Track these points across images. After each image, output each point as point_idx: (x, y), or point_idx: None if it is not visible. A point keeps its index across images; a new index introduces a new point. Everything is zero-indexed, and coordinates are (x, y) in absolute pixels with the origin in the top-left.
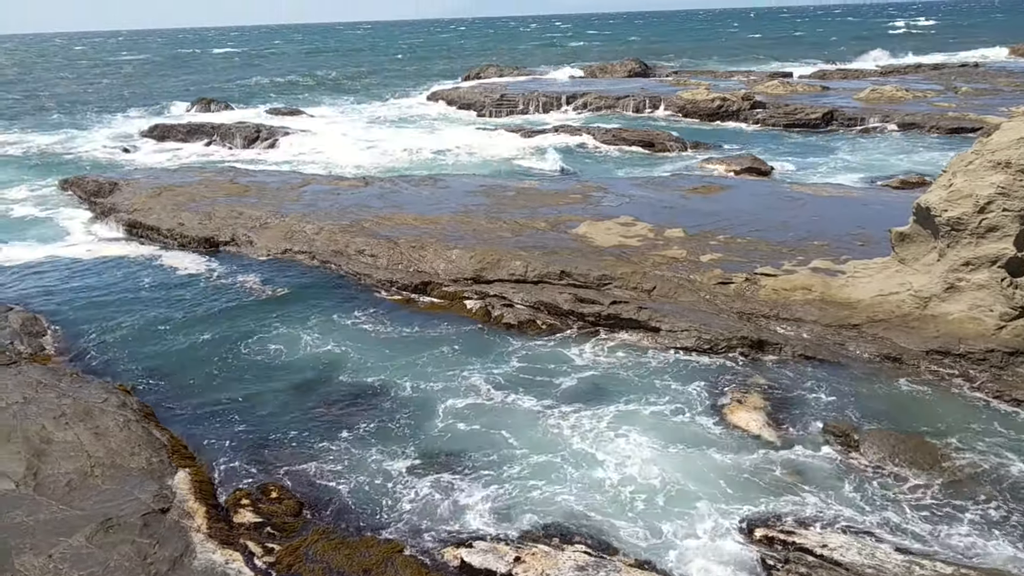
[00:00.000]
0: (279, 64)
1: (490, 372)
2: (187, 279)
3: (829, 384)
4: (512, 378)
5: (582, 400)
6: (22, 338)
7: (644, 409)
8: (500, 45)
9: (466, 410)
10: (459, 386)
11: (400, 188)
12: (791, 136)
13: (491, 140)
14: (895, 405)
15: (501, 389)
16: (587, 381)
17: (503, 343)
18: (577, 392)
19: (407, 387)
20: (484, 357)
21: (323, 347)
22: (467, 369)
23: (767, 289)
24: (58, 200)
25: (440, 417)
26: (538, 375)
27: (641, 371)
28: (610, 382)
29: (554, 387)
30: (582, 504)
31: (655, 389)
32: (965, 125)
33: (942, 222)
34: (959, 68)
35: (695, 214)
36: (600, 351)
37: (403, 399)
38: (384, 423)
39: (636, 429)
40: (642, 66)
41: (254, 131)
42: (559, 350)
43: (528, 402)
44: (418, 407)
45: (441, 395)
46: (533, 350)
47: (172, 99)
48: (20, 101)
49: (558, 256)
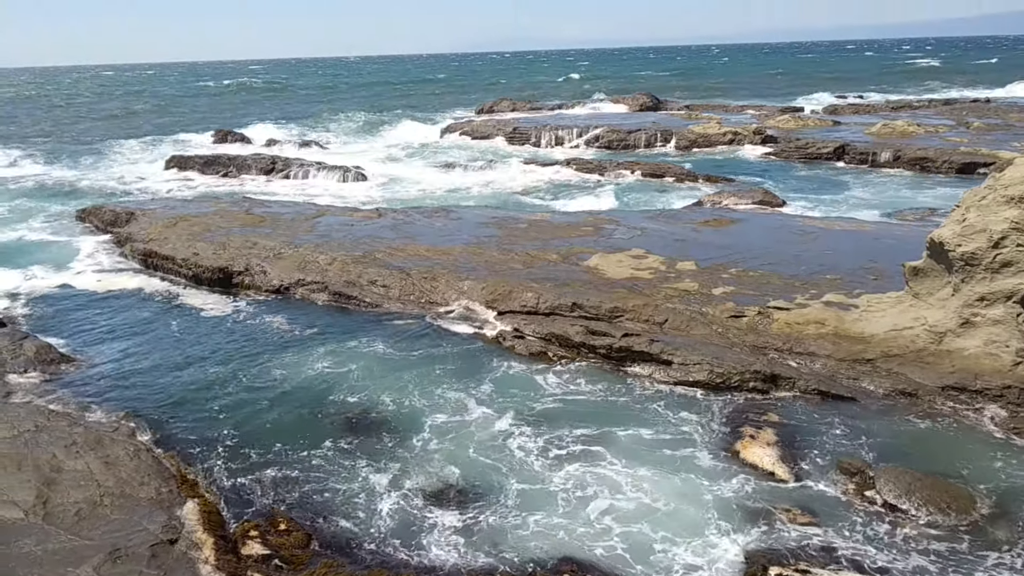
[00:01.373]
0: (296, 97)
1: (501, 404)
2: (199, 308)
3: (843, 420)
4: (526, 411)
5: (594, 434)
6: (36, 366)
7: (655, 443)
8: (514, 79)
9: (477, 443)
10: (469, 418)
11: (413, 219)
12: (802, 170)
13: (505, 173)
14: (911, 442)
15: (513, 420)
16: (598, 415)
17: (514, 373)
18: (589, 426)
19: (419, 420)
20: (494, 388)
21: (334, 378)
22: (476, 399)
23: (780, 323)
24: (75, 229)
25: (452, 449)
26: (550, 408)
27: (653, 405)
28: (621, 415)
29: (567, 420)
30: (601, 540)
31: (667, 423)
32: (977, 160)
33: (956, 257)
34: (970, 103)
35: (707, 247)
36: (611, 384)
37: (415, 432)
38: (397, 456)
39: (646, 463)
40: (653, 100)
41: (270, 163)
42: (571, 382)
43: (543, 437)
44: (429, 440)
45: (453, 427)
46: (544, 382)
47: (190, 130)
48: (39, 130)
49: (569, 288)
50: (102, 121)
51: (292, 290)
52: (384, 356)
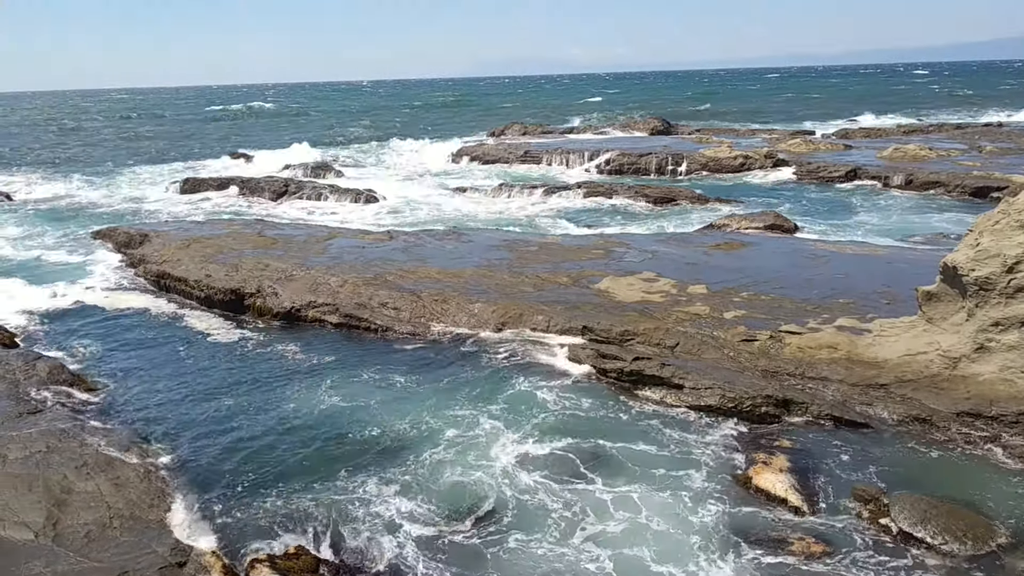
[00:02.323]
0: (309, 121)
1: (512, 429)
2: (211, 330)
3: (857, 446)
4: (536, 435)
5: (606, 458)
6: (48, 387)
7: (666, 468)
8: (526, 103)
9: (489, 469)
10: (480, 444)
11: (424, 242)
12: (814, 193)
13: (516, 197)
14: (926, 469)
15: (523, 445)
16: (608, 438)
17: (525, 398)
18: (598, 450)
19: (429, 445)
20: (505, 411)
21: (345, 401)
22: (486, 423)
23: (792, 347)
24: (90, 249)
25: (462, 474)
26: (562, 431)
27: (664, 429)
28: (633, 439)
29: (579, 445)
30: (608, 564)
31: (678, 448)
32: (990, 184)
33: (970, 282)
34: (983, 127)
35: (718, 270)
36: (623, 408)
37: (424, 456)
38: (409, 481)
39: (657, 488)
40: (664, 124)
41: (283, 185)
42: (582, 406)
43: (556, 460)
44: (439, 465)
45: (463, 452)
46: (555, 405)
47: (204, 153)
48: (54, 153)
49: (580, 311)
50: (116, 144)
51: (303, 312)
52: (393, 380)
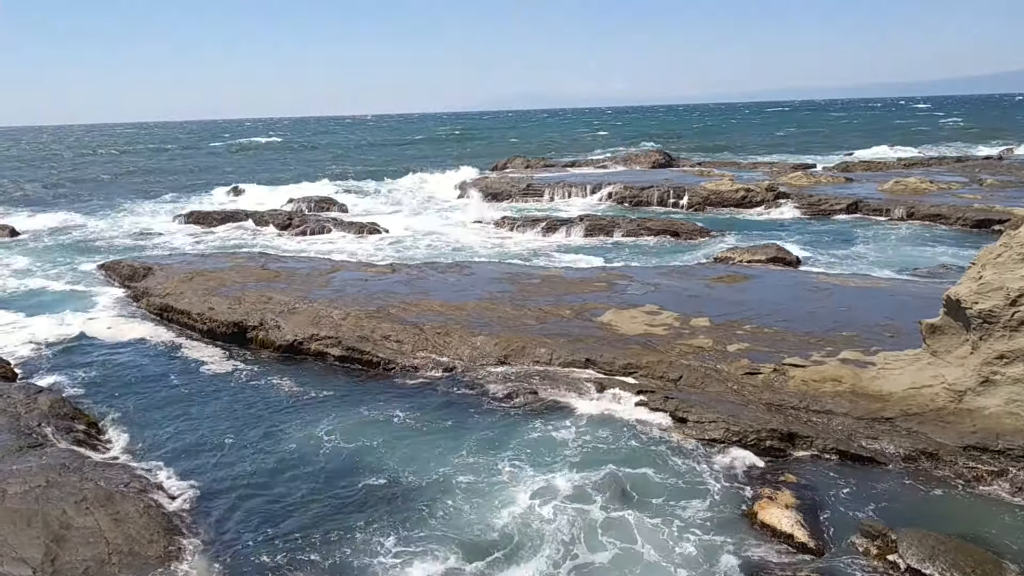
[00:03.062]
0: (315, 154)
1: (520, 465)
2: (213, 364)
3: (863, 480)
4: (541, 468)
5: (607, 493)
6: (50, 420)
7: (671, 503)
8: (528, 137)
9: (493, 506)
10: (492, 480)
11: (426, 275)
12: (816, 226)
13: (519, 229)
14: (933, 504)
15: (527, 479)
16: (611, 473)
17: (530, 432)
18: (602, 485)
19: (433, 483)
20: (512, 448)
21: (348, 440)
22: (495, 460)
23: (796, 380)
24: (94, 282)
25: (466, 513)
26: (564, 464)
27: (668, 463)
28: (635, 473)
29: (582, 479)
30: None
31: (682, 483)
32: (992, 217)
33: (973, 315)
34: (983, 161)
35: (721, 303)
36: (626, 442)
37: (440, 503)
38: (416, 523)
39: (662, 523)
40: (666, 157)
41: (286, 218)
42: (580, 437)
43: (560, 494)
44: (443, 505)
45: (477, 494)
46: (554, 435)
47: (209, 186)
48: (60, 187)
49: (583, 344)
50: (121, 177)
51: (305, 345)
52: (397, 417)
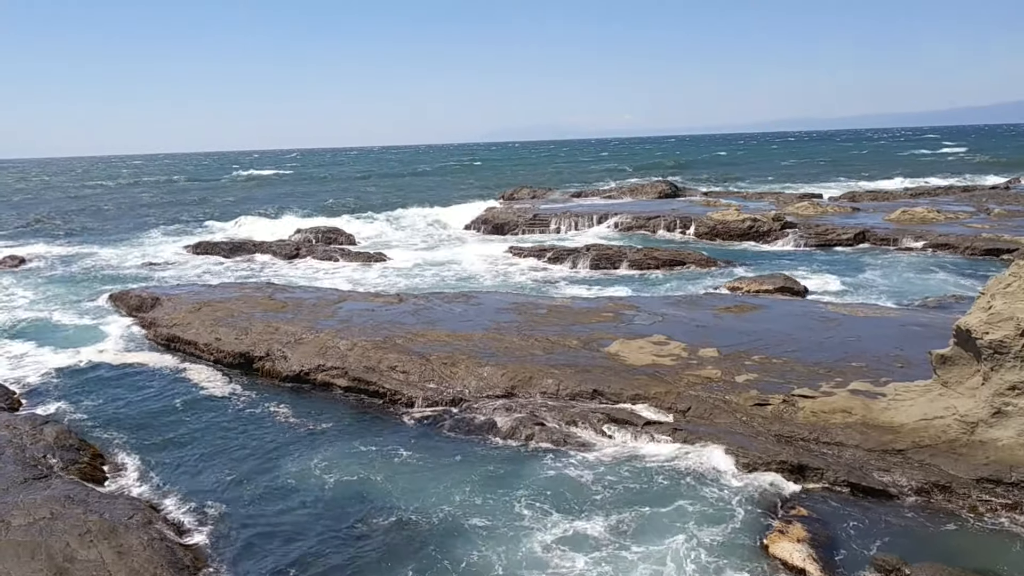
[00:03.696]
0: (321, 186)
1: (523, 500)
2: (220, 396)
3: (875, 513)
4: (550, 502)
5: (617, 527)
6: (55, 452)
7: (680, 537)
8: (535, 167)
9: (499, 545)
10: (506, 522)
11: (433, 305)
12: (823, 256)
13: (526, 259)
14: (946, 537)
15: (537, 513)
16: (621, 507)
17: (532, 467)
18: (611, 519)
19: (438, 520)
20: (525, 486)
21: (354, 474)
22: (511, 501)
23: (806, 411)
24: (102, 313)
25: (470, 555)
26: (573, 501)
27: (677, 496)
28: (645, 507)
29: (590, 514)
30: None
31: (693, 516)
32: (1000, 246)
33: (984, 345)
34: (990, 190)
35: (729, 333)
36: (634, 474)
37: (450, 541)
38: (409, 558)
39: (673, 558)
40: (672, 187)
41: (294, 249)
42: (592, 473)
43: (570, 527)
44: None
45: (491, 536)
46: (562, 474)
47: (217, 217)
48: (69, 218)
49: (590, 374)
50: (130, 208)
51: (312, 375)
52: (403, 451)
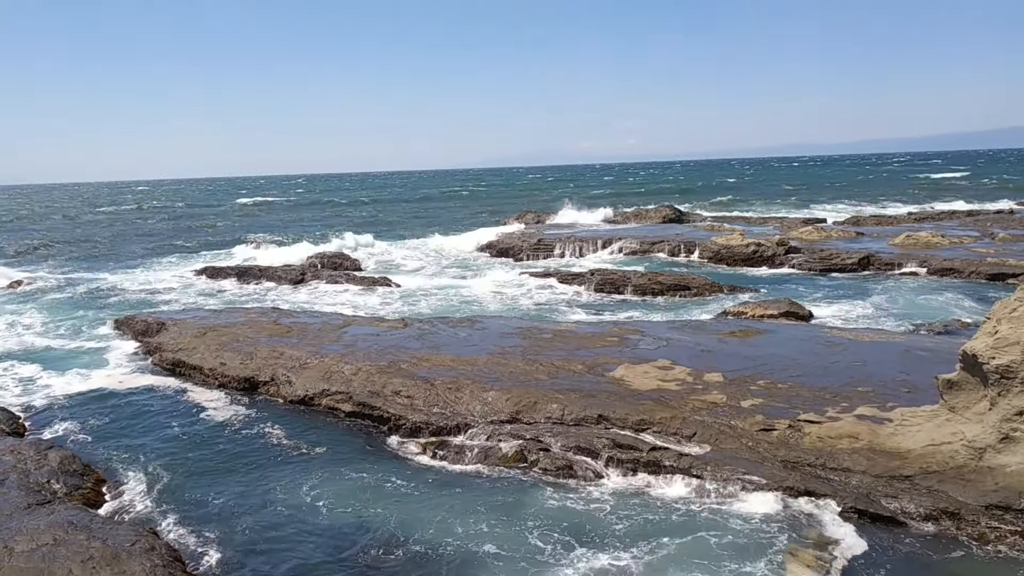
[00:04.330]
0: (325, 210)
1: (536, 530)
2: (223, 421)
3: (884, 539)
4: (564, 535)
5: (625, 554)
6: (59, 477)
7: (689, 566)
8: (539, 192)
9: None
10: (513, 553)
11: (438, 329)
12: (827, 280)
13: (530, 284)
14: (956, 565)
15: (555, 552)
16: (628, 536)
17: (540, 495)
18: (619, 547)
19: (441, 554)
20: (535, 516)
21: (360, 500)
22: (523, 531)
23: (812, 437)
24: (107, 337)
25: None
26: (578, 531)
27: (684, 523)
28: (652, 536)
29: (597, 543)
30: None
31: (699, 544)
32: (1006, 271)
33: (990, 370)
34: (994, 215)
35: (734, 358)
36: (640, 502)
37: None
38: None
39: None
40: (676, 212)
41: (299, 273)
42: (598, 501)
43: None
44: None
45: (490, 559)
46: (571, 502)
47: (223, 242)
48: (76, 242)
49: (595, 399)
50: (137, 232)
51: (316, 400)
52: (408, 478)
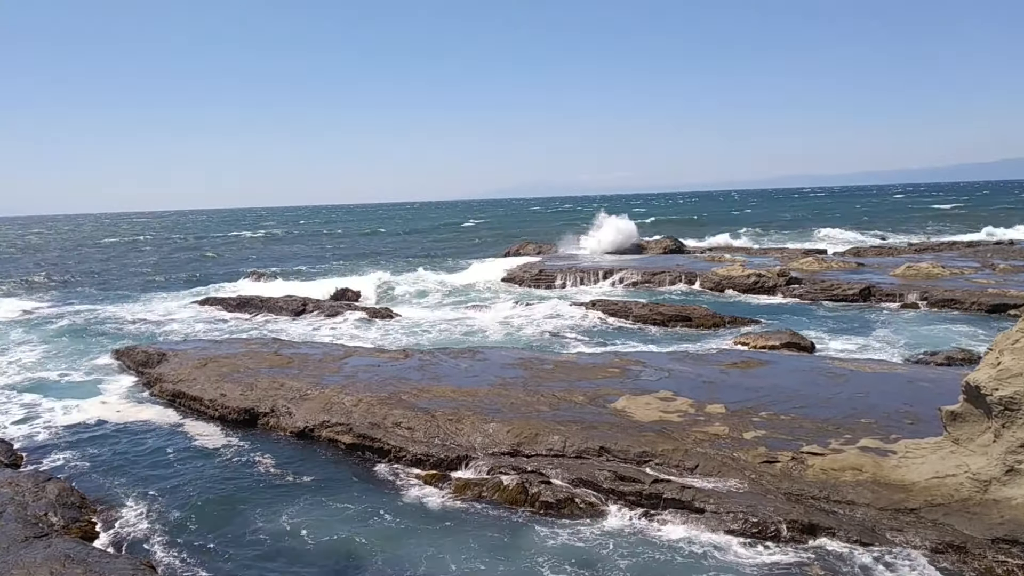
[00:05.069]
0: (327, 242)
1: (547, 565)
2: (223, 453)
3: (892, 575)
4: None
5: None
6: (57, 510)
7: None
8: (540, 223)
9: None
10: None
11: (439, 360)
12: (828, 311)
13: (530, 315)
14: None
15: None
16: (631, 571)
17: (539, 531)
18: None
19: None
20: (520, 552)
21: (358, 532)
22: (505, 566)
23: (815, 469)
24: (108, 368)
25: None
26: (580, 569)
27: (688, 558)
28: (656, 572)
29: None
30: None
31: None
32: (1007, 302)
33: (994, 401)
34: (994, 245)
35: (736, 389)
36: (642, 536)
37: None
38: None
39: None
40: (677, 243)
41: (300, 304)
42: (600, 537)
43: None
44: None
45: None
46: (572, 539)
47: (225, 273)
48: (77, 273)
49: (597, 431)
50: (138, 263)
51: (316, 432)
52: (410, 512)
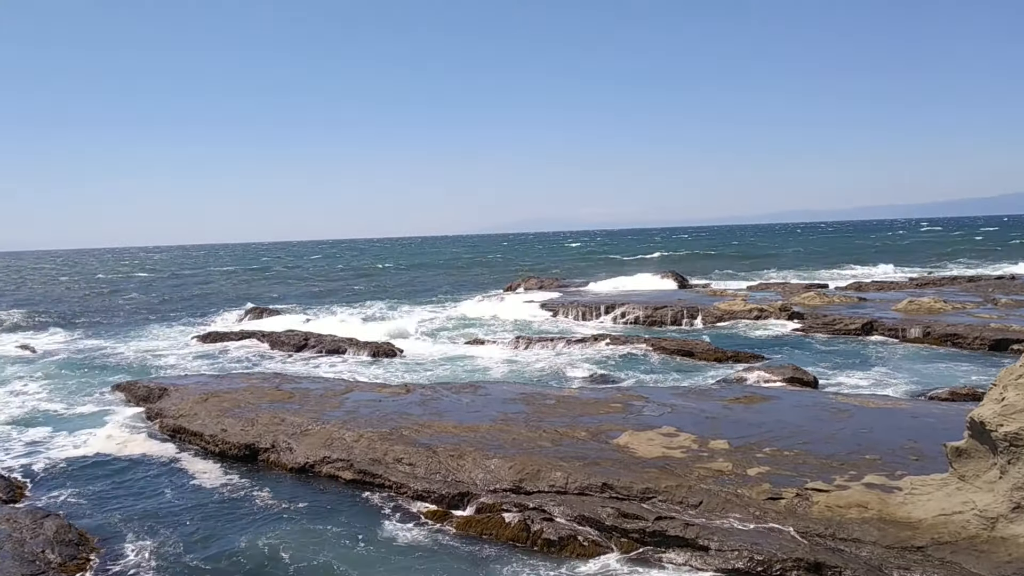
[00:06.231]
0: (328, 276)
1: None
2: (223, 488)
3: None
4: None
5: None
6: (55, 547)
7: None
8: (541, 258)
9: None
10: None
11: (441, 395)
12: (831, 346)
13: (532, 350)
14: None
15: None
16: None
17: (541, 570)
18: None
19: None
20: None
21: (356, 571)
22: None
23: (820, 506)
24: (109, 402)
25: None
26: None
27: None
28: None
29: None
30: None
31: None
32: (1009, 336)
33: (999, 437)
34: (996, 280)
35: (739, 425)
36: (646, 574)
37: None
38: None
39: None
40: (679, 278)
41: (302, 339)
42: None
43: None
44: None
45: None
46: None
47: (226, 307)
48: (79, 308)
49: (600, 467)
50: (140, 298)
51: (317, 467)
52: (410, 550)
